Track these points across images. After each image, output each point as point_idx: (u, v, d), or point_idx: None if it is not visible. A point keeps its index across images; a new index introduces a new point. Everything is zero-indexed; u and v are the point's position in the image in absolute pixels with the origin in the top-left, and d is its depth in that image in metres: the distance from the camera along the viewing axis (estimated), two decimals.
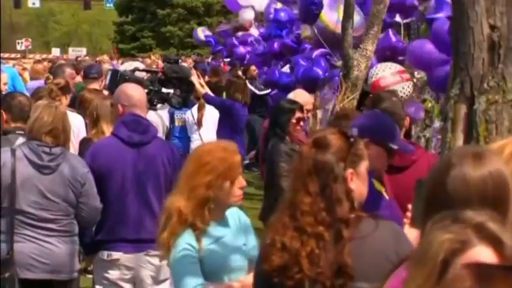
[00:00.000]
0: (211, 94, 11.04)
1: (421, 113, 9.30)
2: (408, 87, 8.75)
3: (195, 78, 10.38)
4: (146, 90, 8.05)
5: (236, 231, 4.62)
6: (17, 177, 5.94)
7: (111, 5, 55.28)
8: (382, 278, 2.77)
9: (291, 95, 8.72)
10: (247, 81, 16.10)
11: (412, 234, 3.69)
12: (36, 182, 5.99)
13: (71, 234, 6.14)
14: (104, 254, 6.27)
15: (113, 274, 6.32)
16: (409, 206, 3.96)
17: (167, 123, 10.59)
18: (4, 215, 5.93)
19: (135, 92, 6.65)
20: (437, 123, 9.80)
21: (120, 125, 6.46)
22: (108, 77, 8.65)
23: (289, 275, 3.46)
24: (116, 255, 6.32)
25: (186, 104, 9.27)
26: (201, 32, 28.89)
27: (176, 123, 12.40)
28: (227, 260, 4.49)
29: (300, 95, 8.64)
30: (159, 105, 8.64)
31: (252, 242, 4.64)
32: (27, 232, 6.03)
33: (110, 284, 6.35)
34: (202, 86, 10.83)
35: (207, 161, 4.41)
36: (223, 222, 4.57)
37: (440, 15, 9.40)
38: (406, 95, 8.74)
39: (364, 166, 3.65)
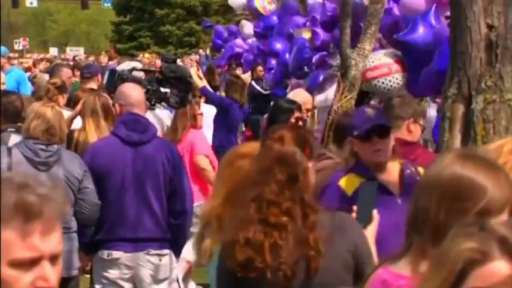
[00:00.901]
0: (210, 89, 10.99)
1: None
2: (397, 78, 8.69)
3: (193, 70, 10.38)
4: (144, 90, 8.06)
5: None
6: None
7: (109, 4, 55.28)
8: (363, 280, 2.84)
9: (291, 95, 8.71)
10: (253, 82, 16.13)
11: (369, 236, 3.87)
12: None
13: (69, 231, 6.14)
14: (104, 253, 6.28)
15: (113, 273, 6.32)
16: (354, 208, 4.04)
17: (168, 122, 10.56)
18: None
19: (133, 92, 6.66)
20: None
21: (119, 124, 6.49)
22: (106, 77, 8.67)
23: (252, 267, 3.54)
24: (116, 254, 6.32)
25: (184, 104, 9.27)
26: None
27: None
28: None
29: (299, 95, 8.64)
30: (157, 106, 8.66)
31: None
32: None
33: (109, 283, 6.35)
34: (200, 78, 10.78)
35: (241, 165, 4.16)
36: None
37: None
38: (394, 87, 8.68)
39: (313, 162, 3.82)
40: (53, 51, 49.40)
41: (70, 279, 6.27)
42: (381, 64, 8.59)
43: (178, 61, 13.94)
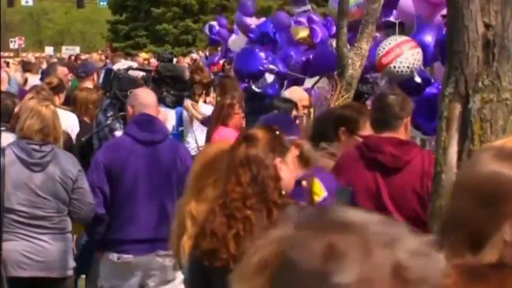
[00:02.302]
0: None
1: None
2: (412, 54, 8.64)
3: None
4: None
5: None
6: (8, 175, 5.97)
7: (105, 3, 55.29)
8: None
9: (287, 92, 8.72)
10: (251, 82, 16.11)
11: None
12: (27, 180, 6.03)
13: (63, 232, 6.16)
14: (114, 256, 6.28)
15: (121, 276, 6.34)
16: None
17: (173, 122, 10.57)
18: None
19: (145, 94, 6.86)
20: None
21: (132, 124, 6.58)
22: (102, 76, 8.68)
23: (218, 257, 3.79)
24: (126, 258, 6.36)
25: (180, 103, 9.27)
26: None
27: None
28: None
29: (296, 92, 8.65)
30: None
31: None
32: (19, 230, 6.06)
33: (116, 285, 6.37)
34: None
35: (213, 161, 4.30)
36: None
37: None
38: (415, 62, 8.61)
39: (290, 157, 4.03)
40: (49, 50, 49.45)
41: (65, 279, 6.28)
42: (392, 47, 8.55)
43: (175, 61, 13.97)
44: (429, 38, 9.17)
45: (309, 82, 11.74)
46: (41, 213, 6.07)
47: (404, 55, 8.48)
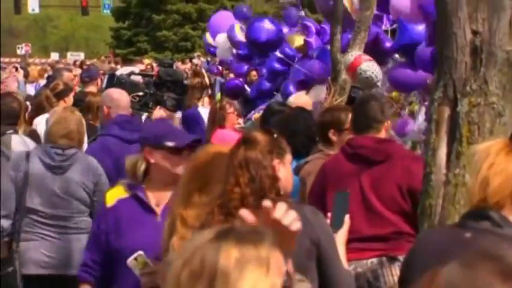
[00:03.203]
0: None
1: None
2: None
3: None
4: (142, 93, 8.12)
5: None
6: (31, 177, 6.01)
7: (108, 11, 55.27)
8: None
9: (292, 98, 8.78)
10: (245, 86, 16.11)
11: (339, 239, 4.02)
12: (49, 182, 6.07)
13: (84, 231, 6.17)
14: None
15: None
16: (329, 214, 4.15)
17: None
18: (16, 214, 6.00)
19: (121, 96, 6.88)
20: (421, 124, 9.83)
21: (113, 125, 6.65)
22: (105, 80, 8.71)
23: None
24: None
25: (180, 107, 9.29)
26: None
27: None
28: None
29: (300, 97, 8.74)
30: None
31: None
32: (40, 230, 6.13)
33: None
34: None
35: (199, 166, 4.21)
36: None
37: None
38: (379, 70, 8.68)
39: (287, 158, 4.01)
40: (54, 56, 49.34)
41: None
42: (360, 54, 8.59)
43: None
44: None
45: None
46: (62, 214, 6.13)
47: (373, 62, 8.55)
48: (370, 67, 8.69)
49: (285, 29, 14.88)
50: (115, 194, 4.63)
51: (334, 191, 4.94)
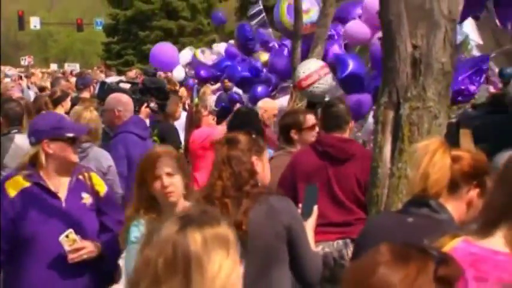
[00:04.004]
0: None
1: None
2: (327, 80, 8.62)
3: None
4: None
5: None
6: None
7: (100, 27, 55.09)
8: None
9: (260, 103, 8.79)
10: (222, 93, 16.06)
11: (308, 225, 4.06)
12: None
13: None
14: None
15: None
16: (300, 205, 4.16)
17: None
18: None
19: (129, 100, 7.02)
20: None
21: (130, 124, 6.78)
22: (98, 87, 8.67)
23: None
24: None
25: (163, 110, 9.26)
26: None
27: None
28: None
29: (267, 102, 8.73)
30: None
31: None
32: None
33: None
34: None
35: (140, 163, 4.15)
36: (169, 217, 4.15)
37: None
38: (328, 86, 8.62)
39: (265, 155, 4.09)
40: (53, 66, 49.06)
41: None
42: (310, 73, 8.51)
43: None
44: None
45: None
46: None
47: (322, 80, 8.48)
48: (323, 83, 8.63)
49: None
50: (16, 185, 4.35)
51: (305, 183, 5.00)
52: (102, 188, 4.68)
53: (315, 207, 4.13)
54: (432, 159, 3.08)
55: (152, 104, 8.53)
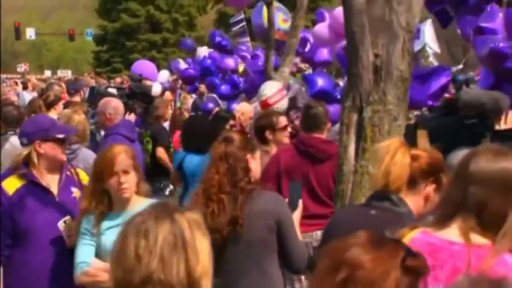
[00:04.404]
0: None
1: None
2: (285, 101, 8.61)
3: None
4: None
5: None
6: None
7: (90, 37, 54.80)
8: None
9: (238, 106, 8.77)
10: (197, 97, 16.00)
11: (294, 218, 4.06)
12: None
13: None
14: None
15: None
16: (286, 200, 4.16)
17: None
18: None
19: (119, 104, 6.95)
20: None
21: (120, 126, 6.67)
22: (87, 92, 8.63)
23: None
24: None
25: (147, 113, 9.24)
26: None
27: None
28: (110, 244, 3.97)
29: (244, 106, 8.72)
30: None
31: None
32: None
33: None
34: None
35: (95, 160, 4.10)
36: (120, 212, 3.98)
37: None
38: (284, 108, 8.62)
39: (257, 153, 4.08)
40: (47, 73, 48.69)
41: None
42: (274, 93, 8.45)
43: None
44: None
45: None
46: None
47: (283, 101, 8.44)
48: (283, 104, 8.56)
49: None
50: (13, 184, 4.37)
51: (287, 178, 5.05)
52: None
53: (300, 202, 4.15)
54: (393, 157, 3.08)
55: (137, 108, 8.53)
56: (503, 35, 6.31)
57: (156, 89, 18.87)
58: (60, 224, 4.30)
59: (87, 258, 3.91)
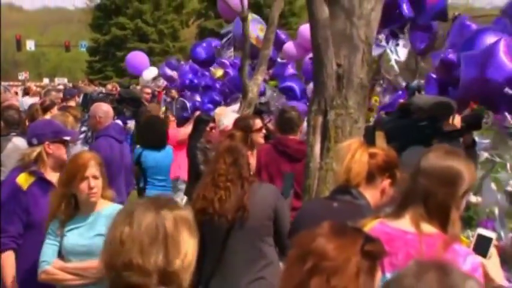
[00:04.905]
0: None
1: None
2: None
3: None
4: None
5: (94, 224, 3.83)
6: None
7: (84, 49, 54.51)
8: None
9: (217, 110, 8.74)
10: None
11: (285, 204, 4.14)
12: None
13: None
14: None
15: None
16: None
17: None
18: None
19: (109, 109, 6.90)
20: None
21: (110, 129, 6.63)
22: (81, 98, 8.59)
23: (206, 213, 3.87)
24: None
25: (136, 116, 9.21)
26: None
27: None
28: (77, 245, 3.79)
29: (222, 109, 8.68)
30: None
31: None
32: None
33: None
34: None
35: (66, 165, 3.96)
36: (85, 215, 3.85)
37: None
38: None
39: (255, 151, 4.17)
40: (46, 80, 48.31)
41: None
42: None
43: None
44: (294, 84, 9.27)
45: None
46: None
47: None
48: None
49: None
50: (26, 180, 4.36)
51: (267, 174, 5.25)
52: None
53: (291, 191, 4.19)
54: (353, 156, 3.10)
55: (127, 112, 8.51)
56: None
57: (148, 74, 18.76)
58: None
59: (49, 257, 3.79)
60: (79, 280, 3.75)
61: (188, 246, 2.07)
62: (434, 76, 6.61)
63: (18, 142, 6.27)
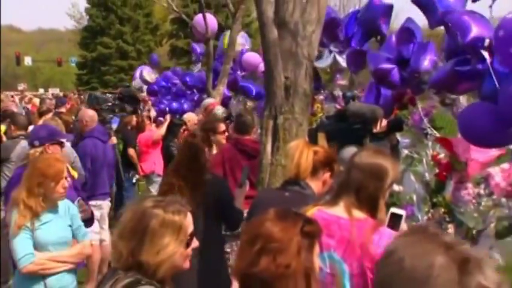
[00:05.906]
0: None
1: None
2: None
3: None
4: (110, 104, 8.31)
5: (63, 216, 3.73)
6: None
7: (74, 64, 53.89)
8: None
9: (185, 116, 8.67)
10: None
11: (242, 192, 4.04)
12: None
13: None
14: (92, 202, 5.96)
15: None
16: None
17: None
18: None
19: (93, 114, 6.79)
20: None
21: (95, 131, 6.53)
22: (87, 97, 8.66)
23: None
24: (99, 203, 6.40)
25: (135, 112, 9.28)
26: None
27: None
28: (51, 236, 3.65)
29: (190, 115, 8.61)
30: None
31: (77, 223, 3.80)
32: None
33: None
34: None
35: (40, 167, 3.65)
36: (53, 210, 3.69)
37: None
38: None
39: (213, 150, 4.18)
40: (41, 90, 47.54)
41: None
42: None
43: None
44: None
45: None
46: None
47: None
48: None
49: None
50: None
51: (230, 168, 5.15)
52: (75, 174, 5.02)
53: (247, 181, 4.11)
54: (302, 154, 3.13)
55: (128, 108, 8.59)
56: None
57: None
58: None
59: (31, 250, 3.57)
60: (63, 267, 3.64)
61: (166, 246, 2.03)
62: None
63: (25, 144, 6.11)
